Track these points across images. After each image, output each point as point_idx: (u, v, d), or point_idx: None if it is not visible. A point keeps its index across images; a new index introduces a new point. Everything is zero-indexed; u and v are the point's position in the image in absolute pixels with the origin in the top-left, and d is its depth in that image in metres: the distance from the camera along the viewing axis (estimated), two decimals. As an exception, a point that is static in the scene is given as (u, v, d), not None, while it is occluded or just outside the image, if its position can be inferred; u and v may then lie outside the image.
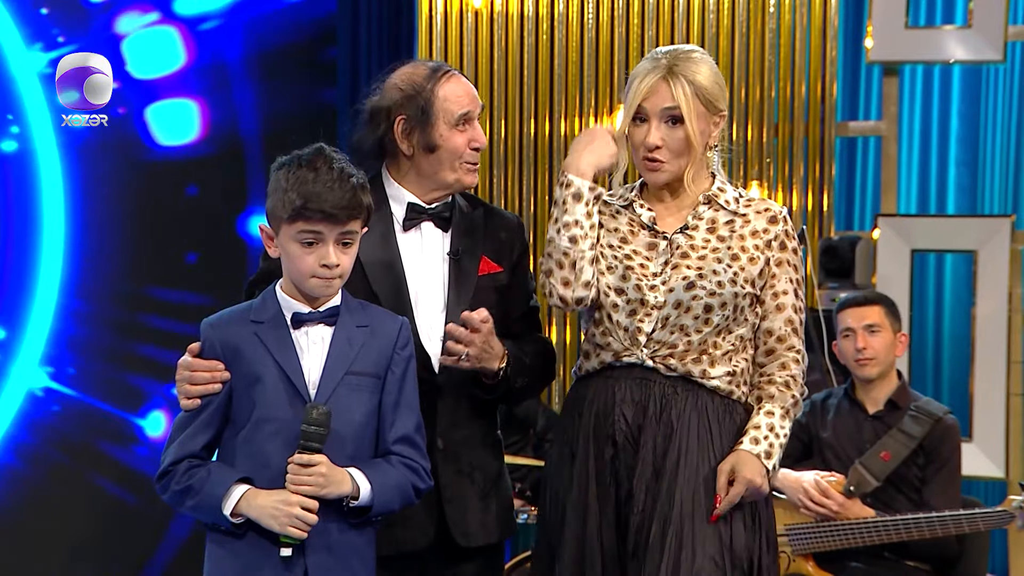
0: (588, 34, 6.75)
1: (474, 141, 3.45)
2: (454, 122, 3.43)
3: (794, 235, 3.40)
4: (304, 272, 3.04)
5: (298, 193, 3.00)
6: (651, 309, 3.32)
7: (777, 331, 3.36)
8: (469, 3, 6.76)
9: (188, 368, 3.09)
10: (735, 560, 3.26)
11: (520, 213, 6.78)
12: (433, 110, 3.42)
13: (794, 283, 3.37)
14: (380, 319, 3.16)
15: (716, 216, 3.38)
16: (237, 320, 3.11)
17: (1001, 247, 6.47)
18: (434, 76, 3.47)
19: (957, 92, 7.17)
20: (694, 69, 3.33)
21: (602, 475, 3.32)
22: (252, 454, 3.04)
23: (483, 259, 3.46)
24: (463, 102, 3.45)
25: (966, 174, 7.16)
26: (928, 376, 7.06)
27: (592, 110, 6.76)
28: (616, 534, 3.30)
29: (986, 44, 6.47)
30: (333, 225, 3.02)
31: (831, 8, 6.61)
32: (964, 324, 6.76)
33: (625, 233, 3.40)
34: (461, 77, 3.51)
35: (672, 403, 3.30)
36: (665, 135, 3.33)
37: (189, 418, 3.08)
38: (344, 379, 3.06)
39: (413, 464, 3.11)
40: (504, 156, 6.83)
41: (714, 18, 6.67)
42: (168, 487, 3.06)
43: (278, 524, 2.96)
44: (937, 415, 4.96)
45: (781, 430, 3.31)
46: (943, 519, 4.72)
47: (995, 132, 7.10)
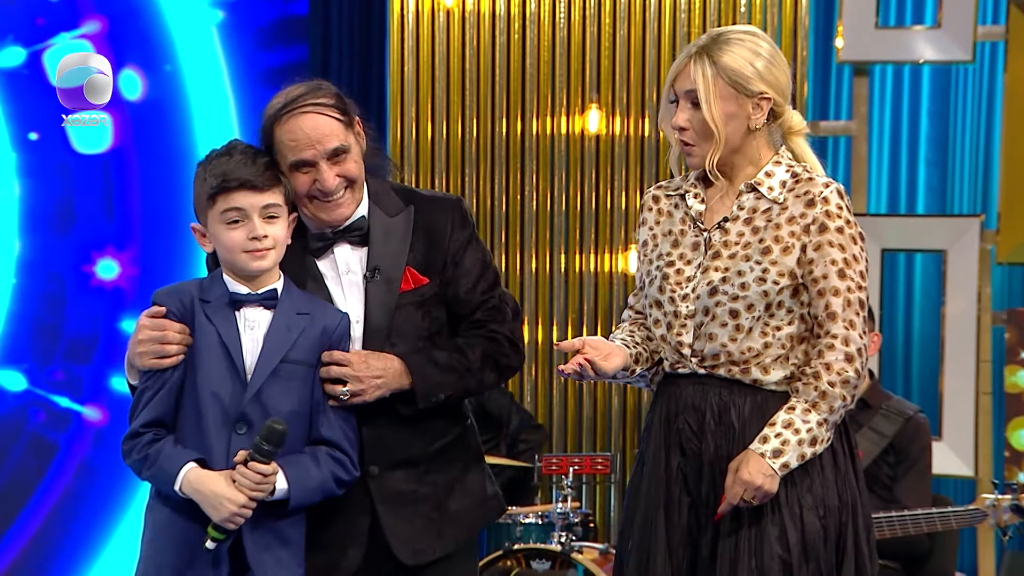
0: (560, 33, 6.76)
1: (319, 183, 3.19)
2: (289, 166, 3.21)
3: (841, 212, 3.20)
4: (235, 249, 3.11)
5: (214, 175, 3.10)
6: (685, 319, 3.24)
7: (819, 317, 3.21)
8: (441, 2, 6.75)
9: (159, 328, 3.11)
10: (807, 553, 3.19)
11: (492, 212, 6.78)
12: (274, 151, 3.23)
13: (839, 263, 3.18)
14: (322, 309, 3.20)
15: (756, 205, 3.25)
16: (188, 293, 3.18)
17: (970, 247, 6.50)
18: (277, 114, 3.23)
19: (927, 92, 7.20)
20: (725, 50, 3.21)
21: (671, 485, 3.26)
22: (191, 421, 3.12)
23: (407, 272, 3.29)
24: (296, 149, 3.20)
25: (936, 174, 7.19)
26: (898, 375, 7.09)
27: (564, 109, 6.77)
28: (688, 540, 3.25)
29: (955, 44, 6.50)
30: (253, 194, 3.09)
31: (801, 8, 6.64)
32: (934, 323, 6.79)
33: (677, 234, 3.31)
34: (307, 116, 3.20)
35: (731, 407, 3.22)
36: (690, 117, 3.23)
37: (156, 380, 3.14)
38: (280, 367, 3.12)
39: (340, 456, 3.17)
40: (476, 155, 6.82)
41: (685, 17, 6.68)
42: (130, 454, 3.14)
43: (217, 515, 3.06)
44: (908, 414, 4.98)
45: (804, 425, 3.14)
46: (916, 517, 4.74)
47: (964, 132, 7.13)
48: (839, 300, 3.18)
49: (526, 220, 6.81)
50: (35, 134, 6.53)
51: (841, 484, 3.25)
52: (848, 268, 3.20)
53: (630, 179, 6.77)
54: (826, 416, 3.17)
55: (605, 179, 6.81)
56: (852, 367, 3.18)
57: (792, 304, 3.22)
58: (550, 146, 6.80)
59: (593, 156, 6.80)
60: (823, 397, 3.17)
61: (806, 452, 3.16)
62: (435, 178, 6.81)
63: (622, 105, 6.76)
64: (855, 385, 3.20)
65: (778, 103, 3.26)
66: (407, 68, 6.74)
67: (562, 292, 6.84)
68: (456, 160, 6.83)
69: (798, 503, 3.20)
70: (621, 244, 6.80)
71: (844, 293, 3.19)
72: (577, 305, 6.84)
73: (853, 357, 3.18)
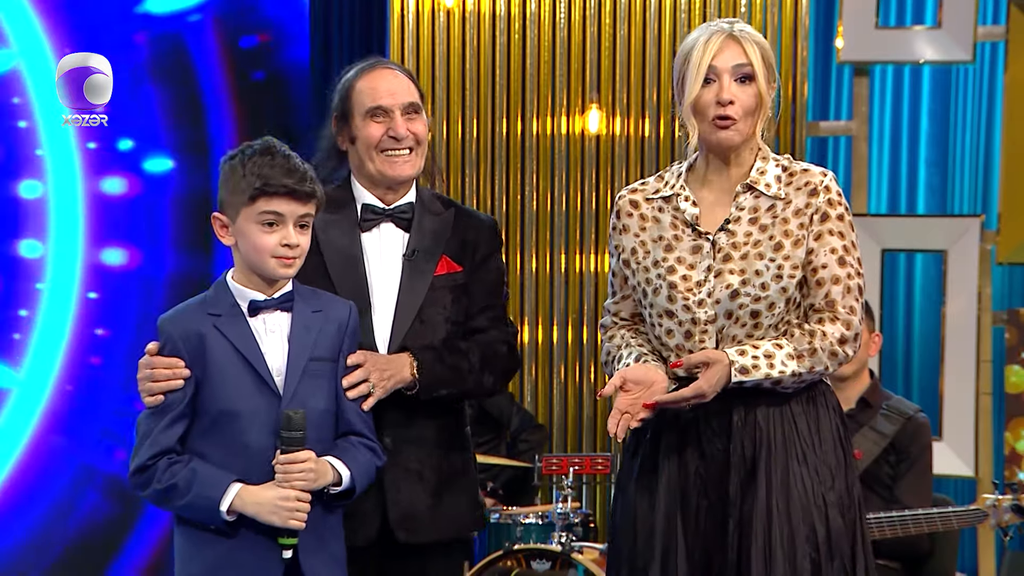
0: (560, 33, 6.75)
1: (391, 131, 3.45)
2: (365, 113, 3.45)
3: (841, 200, 3.25)
4: (265, 252, 3.11)
5: (257, 175, 3.09)
6: (705, 325, 3.22)
7: (816, 305, 3.22)
8: (441, 2, 6.75)
9: (148, 366, 3.14)
10: (833, 551, 3.19)
11: (492, 212, 6.78)
12: (351, 103, 3.47)
13: (838, 251, 3.21)
14: (331, 304, 3.24)
15: (757, 204, 3.25)
16: (194, 313, 3.17)
17: (971, 247, 6.50)
18: (359, 70, 3.51)
19: (927, 92, 7.20)
20: (754, 35, 3.28)
21: (688, 488, 3.24)
22: (225, 444, 3.10)
23: (443, 259, 3.49)
24: (376, 95, 3.46)
25: (936, 174, 7.20)
26: (898, 375, 7.09)
27: (564, 109, 6.77)
28: (705, 544, 3.23)
29: (956, 44, 6.50)
30: (293, 203, 3.10)
31: (802, 8, 6.64)
32: (934, 323, 6.79)
33: (669, 239, 3.28)
34: (389, 70, 3.51)
35: (756, 406, 3.21)
36: (738, 92, 3.22)
37: (157, 414, 3.12)
38: (308, 366, 3.14)
39: (371, 444, 3.22)
40: (476, 155, 6.82)
41: (685, 18, 6.68)
42: (148, 484, 3.10)
43: (280, 519, 3.05)
44: (908, 413, 4.98)
45: (781, 366, 3.14)
46: (917, 517, 4.74)
47: (965, 132, 7.13)
48: (839, 288, 3.22)
49: (526, 220, 6.81)
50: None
51: (850, 479, 3.27)
52: (847, 255, 3.24)
53: (630, 179, 6.76)
54: (802, 372, 3.18)
55: (605, 179, 6.81)
56: (843, 347, 3.22)
57: (798, 296, 3.25)
58: (550, 146, 6.80)
59: (593, 156, 6.80)
60: (811, 354, 3.19)
61: (764, 385, 3.18)
62: (435, 177, 6.80)
63: (622, 105, 6.76)
64: (839, 363, 3.24)
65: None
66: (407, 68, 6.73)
67: (562, 292, 6.84)
68: (456, 160, 6.83)
69: (823, 500, 3.21)
70: (621, 244, 6.79)
71: (844, 280, 3.23)
72: (577, 305, 6.84)
73: (848, 340, 3.21)
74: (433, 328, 3.45)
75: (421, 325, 3.44)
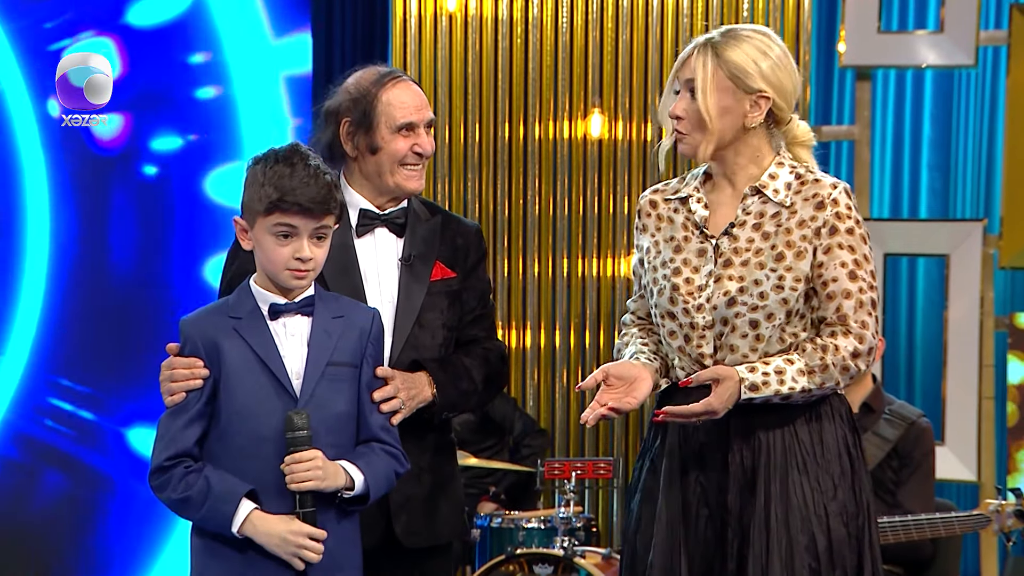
0: (562, 38, 6.76)
1: (417, 146, 3.47)
2: (396, 127, 3.46)
3: (851, 213, 3.20)
4: (278, 264, 3.10)
5: (275, 187, 3.07)
6: (703, 330, 3.21)
7: (828, 319, 3.19)
8: (443, 7, 6.75)
9: (169, 367, 3.15)
10: (835, 561, 3.17)
11: (494, 216, 6.79)
12: (376, 113, 3.46)
13: (849, 265, 3.17)
14: (353, 309, 3.23)
15: (764, 209, 3.23)
16: (215, 316, 3.17)
17: (973, 251, 6.50)
18: (381, 80, 3.50)
19: (929, 96, 7.20)
20: (732, 45, 3.21)
21: (688, 497, 3.24)
22: (241, 447, 3.10)
23: (437, 264, 3.52)
24: (407, 111, 3.47)
25: (938, 178, 7.20)
26: (901, 379, 7.09)
27: (566, 114, 6.77)
28: (707, 553, 3.22)
29: (958, 49, 6.50)
30: (308, 219, 3.08)
31: (804, 12, 6.64)
32: (936, 328, 6.79)
33: (680, 240, 3.28)
34: (411, 84, 3.52)
35: (755, 416, 3.19)
36: (686, 106, 3.23)
37: (175, 414, 3.13)
38: (326, 370, 3.13)
39: (393, 451, 3.21)
40: (478, 159, 6.83)
41: (687, 22, 6.68)
42: (164, 490, 3.11)
43: (285, 553, 3.06)
44: (911, 418, 4.98)
45: (791, 382, 3.13)
46: (920, 522, 4.73)
47: (967, 136, 7.14)
48: (851, 302, 3.17)
49: (528, 224, 6.82)
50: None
51: (857, 487, 3.25)
52: (859, 269, 3.19)
53: (632, 183, 6.77)
54: (812, 388, 3.16)
55: (607, 183, 6.81)
56: (856, 362, 3.18)
57: (805, 309, 3.22)
58: (552, 150, 6.80)
59: (595, 160, 6.80)
60: (823, 370, 3.16)
61: (773, 401, 3.16)
62: (437, 183, 6.81)
63: (624, 110, 6.76)
64: (851, 378, 3.21)
65: (779, 105, 3.23)
66: (409, 73, 6.73)
67: (564, 296, 6.84)
68: (459, 164, 6.83)
69: (824, 510, 3.19)
70: (623, 248, 6.81)
71: (856, 295, 3.18)
72: (579, 309, 6.84)
73: (860, 354, 3.18)
74: (431, 333, 3.48)
75: (420, 329, 3.47)
